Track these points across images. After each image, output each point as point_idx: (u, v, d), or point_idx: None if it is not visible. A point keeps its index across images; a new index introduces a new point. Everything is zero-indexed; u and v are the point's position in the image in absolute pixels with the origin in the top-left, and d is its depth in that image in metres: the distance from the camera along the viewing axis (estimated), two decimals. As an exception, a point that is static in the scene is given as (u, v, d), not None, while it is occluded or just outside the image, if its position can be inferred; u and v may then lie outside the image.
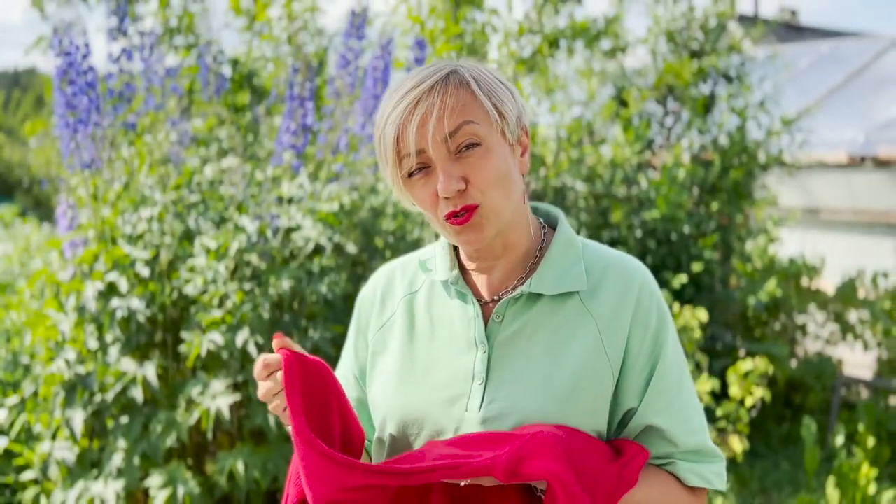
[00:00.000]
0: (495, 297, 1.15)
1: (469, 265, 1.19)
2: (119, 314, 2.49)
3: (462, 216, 1.06)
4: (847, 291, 5.27)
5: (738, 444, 2.71)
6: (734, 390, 2.78)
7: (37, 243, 7.95)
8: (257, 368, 1.09)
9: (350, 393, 1.23)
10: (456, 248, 1.21)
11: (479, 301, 1.15)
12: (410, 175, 1.08)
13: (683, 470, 1.12)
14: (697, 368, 3.04)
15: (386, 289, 1.23)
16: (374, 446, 1.20)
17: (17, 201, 18.99)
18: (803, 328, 5.50)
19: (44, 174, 19.91)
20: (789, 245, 6.50)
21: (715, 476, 1.13)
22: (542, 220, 1.21)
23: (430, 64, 1.12)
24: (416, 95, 1.05)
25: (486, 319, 1.14)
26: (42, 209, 18.91)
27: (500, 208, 1.08)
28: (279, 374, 1.07)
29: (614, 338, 1.10)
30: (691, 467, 1.12)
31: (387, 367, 1.17)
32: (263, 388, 1.09)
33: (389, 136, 1.07)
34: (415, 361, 1.15)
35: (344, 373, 1.27)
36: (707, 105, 5.23)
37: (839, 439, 4.13)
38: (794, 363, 5.31)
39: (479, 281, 1.17)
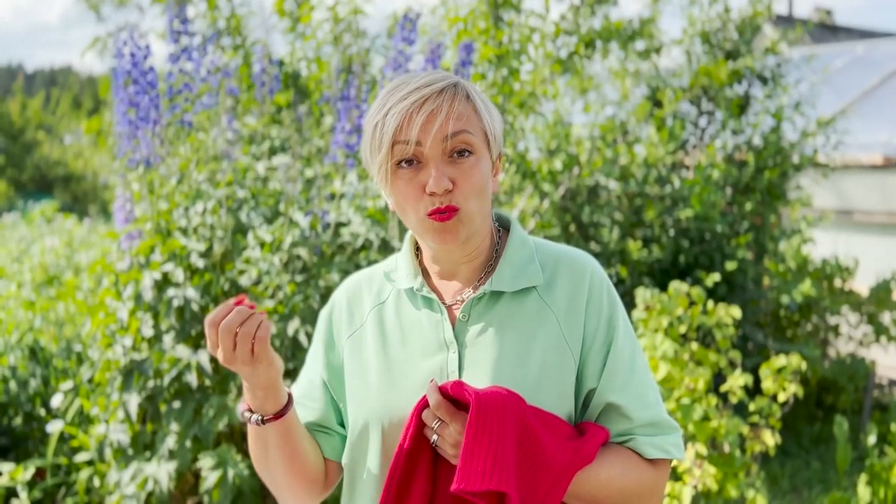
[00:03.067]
0: (459, 299, 1.22)
1: (432, 271, 1.25)
2: (175, 303, 2.61)
3: (444, 214, 1.13)
4: (881, 293, 5.26)
5: (770, 439, 2.76)
6: (767, 385, 2.83)
7: (79, 238, 8.18)
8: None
9: (311, 402, 1.27)
10: (418, 257, 1.27)
11: (444, 304, 1.21)
12: (399, 165, 1.14)
13: (642, 444, 1.18)
14: (731, 365, 3.09)
15: (353, 300, 1.29)
16: (350, 449, 1.23)
17: (55, 197, 19.43)
18: (836, 329, 5.50)
19: (82, 171, 20.39)
20: (823, 246, 6.49)
21: (673, 447, 1.20)
22: (497, 224, 1.28)
23: (431, 72, 1.19)
24: (427, 94, 1.12)
25: (452, 321, 1.20)
26: (80, 205, 19.35)
27: (474, 215, 1.16)
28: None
29: (573, 327, 1.19)
30: (650, 440, 1.18)
31: (363, 374, 1.22)
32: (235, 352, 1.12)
33: (390, 125, 1.12)
34: (391, 366, 1.20)
35: (310, 378, 1.29)
36: (741, 106, 5.26)
37: (871, 439, 4.15)
38: (826, 364, 5.32)
39: (442, 286, 1.24)
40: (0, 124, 21.38)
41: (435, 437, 1.11)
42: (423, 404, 1.11)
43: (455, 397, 1.09)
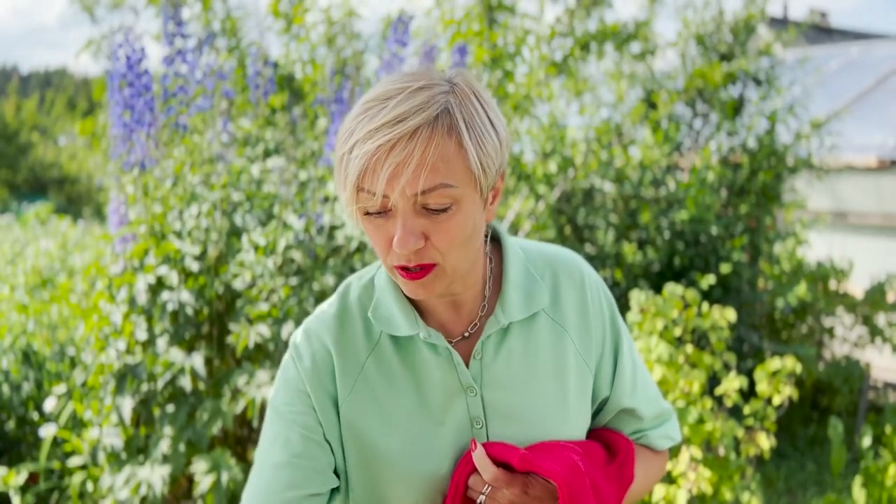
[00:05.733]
0: (465, 334, 1.09)
1: (426, 305, 1.09)
2: (169, 307, 2.60)
3: (415, 272, 0.97)
4: (875, 295, 5.27)
5: (765, 442, 2.76)
6: (762, 387, 2.83)
7: (74, 240, 8.16)
8: None
9: (310, 462, 1.05)
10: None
11: (450, 344, 1.07)
12: (366, 213, 0.97)
13: (653, 438, 1.20)
14: (726, 368, 3.08)
15: (341, 346, 1.08)
16: None
17: (50, 199, 19.39)
18: (831, 331, 5.51)
19: (77, 173, 20.35)
20: (818, 248, 6.50)
21: (675, 432, 1.22)
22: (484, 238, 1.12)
23: (421, 81, 0.95)
24: (395, 136, 0.90)
25: (465, 360, 1.07)
26: (75, 207, 19.31)
27: (457, 266, 0.99)
28: None
29: (585, 342, 1.12)
30: (657, 433, 1.20)
31: (382, 438, 1.06)
32: None
33: (353, 168, 0.93)
34: (409, 422, 1.06)
35: (304, 434, 1.06)
36: (736, 108, 5.26)
37: (866, 441, 4.15)
38: (821, 366, 5.33)
39: (443, 319, 1.09)
40: (-6, 126, 21.35)
41: (482, 497, 1.03)
42: (468, 470, 1.04)
43: (500, 460, 1.03)
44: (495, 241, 1.14)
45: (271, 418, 1.09)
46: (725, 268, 4.72)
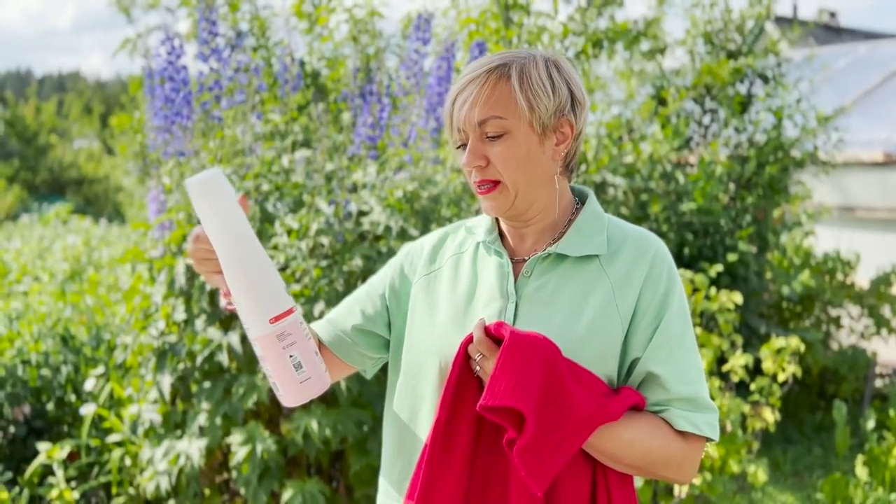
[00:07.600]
0: (526, 257, 1.33)
1: (506, 230, 1.37)
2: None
3: (484, 188, 1.27)
4: (881, 286, 5.38)
5: (769, 415, 2.91)
6: (767, 365, 2.97)
7: (97, 237, 8.38)
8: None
9: (364, 307, 1.42)
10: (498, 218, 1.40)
11: (512, 259, 1.33)
12: (458, 148, 1.30)
13: (674, 415, 1.21)
14: (732, 347, 3.23)
15: (437, 246, 1.42)
16: (405, 383, 1.36)
17: (68, 200, 19.67)
18: (837, 321, 5.62)
19: (93, 174, 20.63)
20: (825, 242, 6.61)
21: (706, 425, 1.22)
22: (576, 198, 1.38)
23: (514, 52, 1.28)
24: (465, 82, 1.27)
25: (516, 276, 1.31)
26: (93, 207, 19.59)
27: (519, 187, 1.27)
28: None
29: (625, 297, 1.26)
30: (683, 414, 1.21)
31: (431, 312, 1.35)
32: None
33: (447, 112, 1.30)
34: (457, 308, 1.33)
35: (371, 290, 1.45)
36: (744, 104, 5.39)
37: (870, 424, 4.28)
38: (827, 355, 5.44)
39: (514, 243, 1.35)
40: (15, 128, 21.67)
41: (477, 367, 1.22)
42: (470, 339, 1.22)
43: (495, 335, 1.19)
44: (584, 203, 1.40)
45: (371, 279, 1.49)
46: (733, 257, 4.85)
